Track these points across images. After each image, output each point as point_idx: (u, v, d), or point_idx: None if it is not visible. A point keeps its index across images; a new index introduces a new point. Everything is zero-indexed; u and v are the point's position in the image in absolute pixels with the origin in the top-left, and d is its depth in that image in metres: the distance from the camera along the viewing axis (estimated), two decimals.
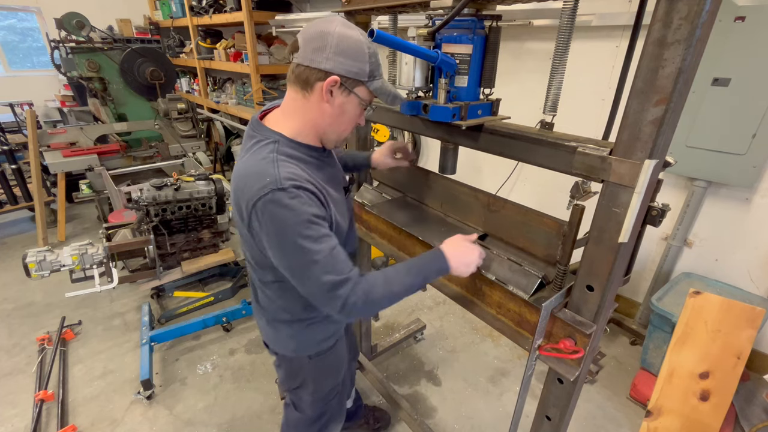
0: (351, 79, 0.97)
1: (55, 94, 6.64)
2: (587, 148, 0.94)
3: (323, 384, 1.44)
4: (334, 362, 1.43)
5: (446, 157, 1.36)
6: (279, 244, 0.96)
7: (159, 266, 2.80)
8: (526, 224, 1.19)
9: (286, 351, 1.34)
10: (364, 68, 0.97)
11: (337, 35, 0.93)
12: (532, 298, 1.08)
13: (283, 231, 0.94)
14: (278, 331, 1.31)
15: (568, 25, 0.97)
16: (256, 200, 0.93)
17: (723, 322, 1.85)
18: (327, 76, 0.95)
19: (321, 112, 1.01)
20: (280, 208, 0.92)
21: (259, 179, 0.94)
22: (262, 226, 0.96)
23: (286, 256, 0.98)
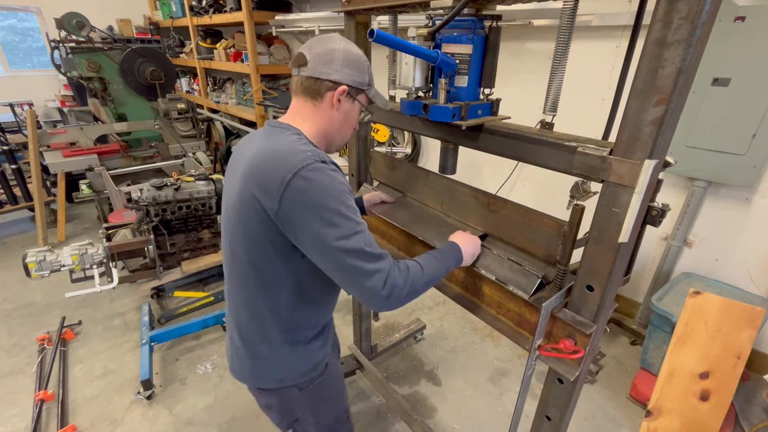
0: (355, 87, 1.08)
1: (55, 94, 6.64)
2: (587, 148, 0.94)
3: (325, 413, 1.32)
4: (331, 388, 1.32)
5: (446, 157, 1.36)
6: (320, 212, 0.91)
7: (159, 266, 2.81)
8: (526, 224, 1.19)
9: (272, 383, 1.19)
10: (365, 78, 1.09)
11: (342, 50, 1.04)
12: (532, 298, 1.08)
13: (327, 198, 0.92)
14: (265, 358, 1.16)
15: (568, 25, 0.97)
16: (298, 170, 0.92)
17: (723, 322, 1.85)
18: (336, 86, 1.05)
19: (330, 119, 1.09)
20: (324, 176, 0.93)
21: (296, 155, 0.95)
22: (301, 196, 0.91)
23: (325, 226, 0.92)
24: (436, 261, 1.08)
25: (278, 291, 1.08)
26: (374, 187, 1.84)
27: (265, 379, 1.19)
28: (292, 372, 1.18)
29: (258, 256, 1.04)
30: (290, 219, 0.94)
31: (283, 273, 1.05)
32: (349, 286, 0.97)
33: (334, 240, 0.92)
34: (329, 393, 1.32)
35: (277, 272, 1.05)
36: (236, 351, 1.20)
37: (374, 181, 1.90)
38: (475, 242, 1.23)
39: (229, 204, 1.08)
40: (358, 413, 2.26)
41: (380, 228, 1.68)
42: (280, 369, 1.17)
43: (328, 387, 1.29)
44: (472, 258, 1.21)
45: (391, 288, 0.94)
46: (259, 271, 1.06)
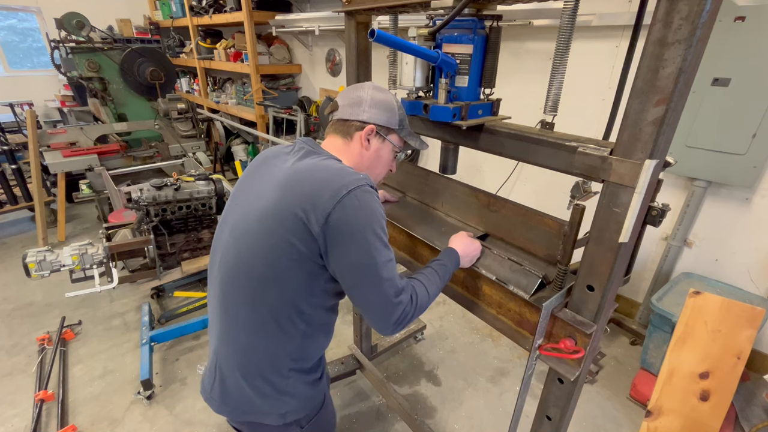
0: (384, 127, 1.10)
1: (55, 94, 6.64)
2: (588, 148, 0.94)
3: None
4: (328, 421, 1.27)
5: (447, 157, 1.37)
6: (364, 234, 0.92)
7: (159, 266, 2.80)
8: (527, 224, 1.20)
9: (274, 419, 1.08)
10: (394, 118, 1.11)
11: (370, 94, 1.10)
12: (532, 298, 1.08)
13: (375, 222, 0.94)
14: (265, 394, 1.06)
15: (568, 25, 0.97)
16: (353, 188, 0.92)
17: (723, 322, 1.85)
18: (364, 126, 1.09)
19: (360, 157, 1.12)
20: (372, 199, 0.95)
21: (350, 175, 0.96)
22: (351, 213, 0.91)
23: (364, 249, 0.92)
24: (437, 276, 1.10)
25: (295, 314, 1.00)
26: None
27: (266, 415, 1.08)
28: (297, 406, 1.09)
29: (281, 273, 0.96)
30: (335, 236, 0.92)
31: (302, 293, 0.99)
32: (369, 308, 0.97)
33: (373, 263, 0.93)
34: (326, 426, 1.27)
35: (297, 292, 0.98)
36: (228, 385, 1.07)
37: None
38: (475, 246, 1.23)
39: (248, 216, 1.00)
40: (358, 413, 2.26)
41: None
42: (284, 403, 1.07)
43: (325, 420, 1.24)
44: (470, 262, 1.22)
45: (403, 318, 0.97)
46: (280, 289, 0.98)
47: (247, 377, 1.04)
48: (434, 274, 1.09)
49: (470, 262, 1.22)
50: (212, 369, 1.13)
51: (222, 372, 1.09)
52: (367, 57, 1.67)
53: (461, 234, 1.27)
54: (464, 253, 1.19)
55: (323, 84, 4.99)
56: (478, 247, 1.24)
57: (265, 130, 5.03)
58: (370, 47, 1.65)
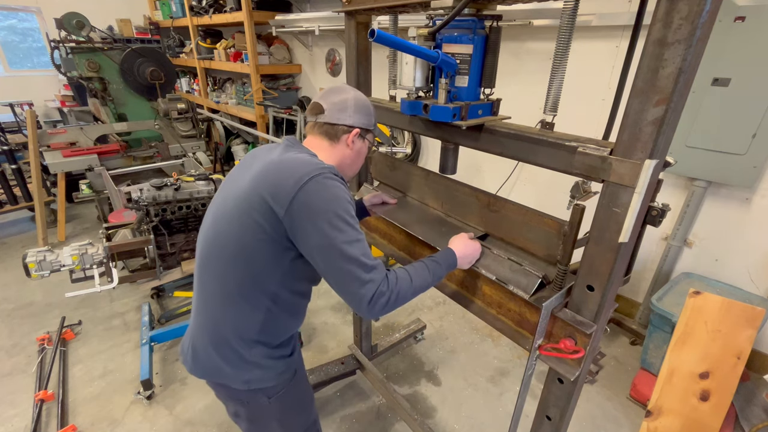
0: (365, 129, 1.21)
1: (55, 94, 6.64)
2: (588, 148, 0.94)
3: (293, 424, 1.33)
4: (299, 397, 1.32)
5: (446, 157, 1.37)
6: (325, 217, 0.98)
7: (159, 266, 2.80)
8: (527, 224, 1.20)
9: (238, 383, 1.17)
10: (371, 120, 1.23)
11: (353, 99, 1.18)
12: (532, 298, 1.08)
13: (337, 204, 1.00)
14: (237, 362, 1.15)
15: (568, 26, 0.97)
16: (315, 175, 1.00)
17: (723, 322, 1.85)
18: (351, 129, 1.18)
19: (343, 156, 1.21)
20: (333, 186, 1.02)
21: (313, 164, 1.04)
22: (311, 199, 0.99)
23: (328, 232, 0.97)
24: (427, 270, 1.12)
25: (260, 291, 1.10)
26: (374, 187, 1.84)
27: (232, 380, 1.17)
28: (261, 375, 1.18)
29: (250, 252, 1.06)
30: (299, 218, 0.99)
31: (269, 272, 1.08)
32: (341, 289, 1.02)
33: (338, 243, 0.98)
34: (298, 403, 1.32)
35: (263, 270, 1.07)
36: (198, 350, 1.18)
37: (374, 181, 1.90)
38: (474, 247, 1.25)
39: (227, 200, 1.11)
40: (358, 413, 2.26)
41: (381, 228, 1.68)
42: (248, 371, 1.16)
43: (296, 396, 1.30)
44: (469, 263, 1.24)
45: (378, 298, 0.99)
46: (247, 266, 1.07)
47: (216, 345, 1.15)
48: (424, 268, 1.12)
49: (469, 263, 1.24)
50: (188, 335, 1.26)
51: (194, 339, 1.21)
52: (367, 57, 1.66)
53: (461, 235, 1.28)
54: (462, 254, 1.21)
55: (323, 84, 4.99)
56: (478, 248, 1.25)
57: (265, 130, 5.03)
58: (370, 47, 1.64)
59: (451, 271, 1.22)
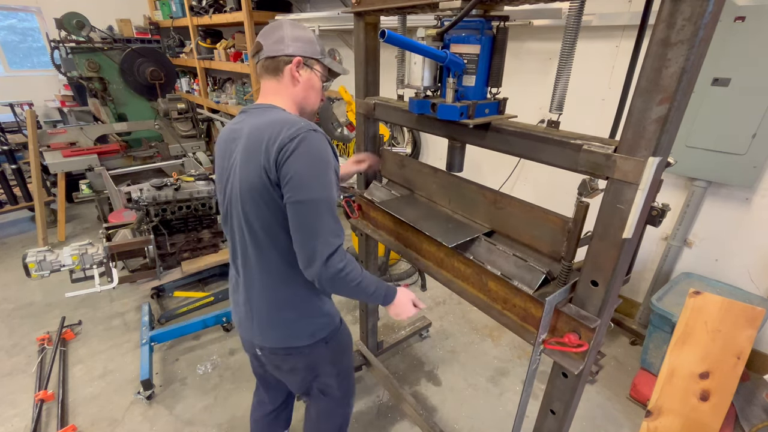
0: (309, 57, 1.19)
1: (55, 94, 6.63)
2: (592, 146, 0.95)
3: (343, 361, 1.47)
4: (346, 339, 1.48)
5: (453, 155, 1.38)
6: (311, 172, 1.04)
7: (159, 266, 2.80)
8: (532, 221, 1.21)
9: (303, 340, 1.29)
10: (316, 48, 1.20)
11: (289, 29, 1.17)
12: (536, 293, 1.09)
13: (316, 160, 1.05)
14: (297, 319, 1.27)
15: (574, 26, 0.98)
16: (298, 132, 1.04)
17: (723, 322, 1.86)
18: (291, 59, 1.17)
19: (294, 90, 1.21)
20: (319, 143, 1.06)
21: (294, 123, 1.07)
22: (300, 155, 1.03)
23: (311, 188, 1.04)
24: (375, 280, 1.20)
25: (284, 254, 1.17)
26: (383, 184, 1.86)
27: (295, 337, 1.29)
28: (320, 324, 1.30)
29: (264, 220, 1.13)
30: (287, 169, 1.04)
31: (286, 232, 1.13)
32: (301, 243, 1.08)
33: (308, 199, 1.04)
34: (345, 343, 1.46)
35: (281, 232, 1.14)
36: (261, 320, 1.28)
37: (383, 178, 1.91)
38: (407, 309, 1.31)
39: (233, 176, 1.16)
40: (365, 408, 2.26)
41: (387, 225, 1.69)
42: (309, 324, 1.28)
43: (344, 337, 1.45)
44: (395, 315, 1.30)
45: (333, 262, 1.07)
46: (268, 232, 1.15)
47: (279, 309, 1.25)
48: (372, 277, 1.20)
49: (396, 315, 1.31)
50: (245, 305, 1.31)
51: (257, 313, 1.28)
52: (376, 57, 1.68)
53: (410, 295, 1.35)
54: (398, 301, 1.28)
55: None
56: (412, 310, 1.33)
57: None
58: (379, 47, 1.66)
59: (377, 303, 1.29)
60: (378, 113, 1.68)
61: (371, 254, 2.14)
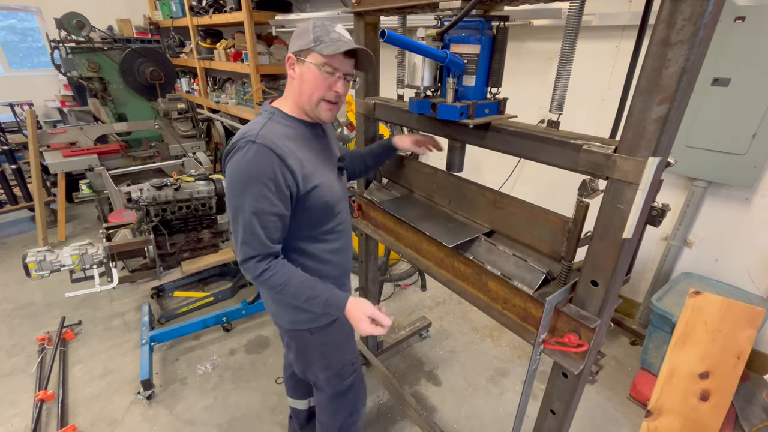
0: (301, 51, 1.16)
1: (55, 94, 6.62)
2: (592, 146, 0.95)
3: (332, 360, 1.49)
4: (339, 338, 1.47)
5: (453, 155, 1.38)
6: (233, 180, 1.11)
7: (159, 266, 2.80)
8: (532, 221, 1.21)
9: (285, 322, 1.39)
10: (308, 39, 1.14)
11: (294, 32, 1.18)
12: (536, 293, 1.09)
13: (235, 176, 1.11)
14: (276, 300, 1.37)
15: (574, 26, 0.98)
16: (231, 148, 1.13)
17: (723, 322, 1.86)
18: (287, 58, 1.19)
19: (292, 87, 1.22)
20: (242, 156, 1.10)
21: (243, 134, 1.14)
22: (227, 170, 1.14)
23: (232, 193, 1.13)
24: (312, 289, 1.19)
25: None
26: (383, 184, 1.86)
27: (281, 318, 1.40)
28: (301, 317, 1.35)
29: None
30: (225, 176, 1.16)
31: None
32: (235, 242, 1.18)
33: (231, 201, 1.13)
34: (337, 341, 1.47)
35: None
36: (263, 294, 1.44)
37: (383, 179, 1.91)
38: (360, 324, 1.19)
39: None
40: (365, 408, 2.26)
41: (388, 225, 1.69)
42: (290, 312, 1.36)
43: (335, 336, 1.45)
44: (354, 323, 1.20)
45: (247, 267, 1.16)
46: None
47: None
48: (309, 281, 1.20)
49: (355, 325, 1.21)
50: None
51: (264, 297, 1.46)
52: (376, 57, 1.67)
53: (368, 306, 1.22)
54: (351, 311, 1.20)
55: None
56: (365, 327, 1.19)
57: None
58: (379, 47, 1.65)
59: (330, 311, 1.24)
60: (378, 113, 1.68)
61: (371, 254, 2.14)
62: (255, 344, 2.74)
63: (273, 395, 2.35)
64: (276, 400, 2.31)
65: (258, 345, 2.73)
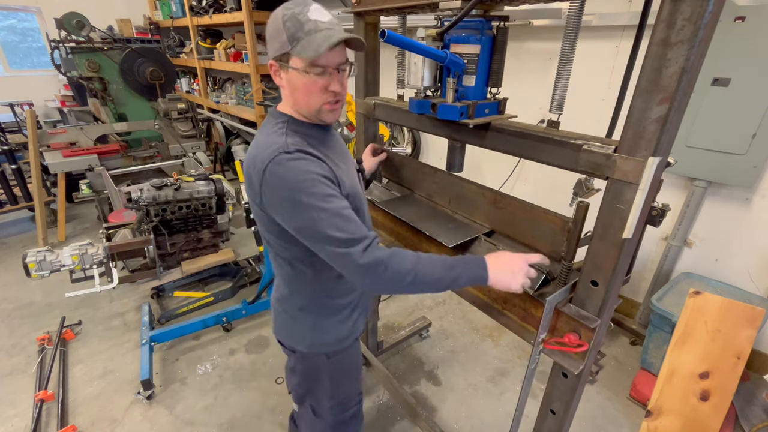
0: (280, 55, 1.01)
1: (55, 94, 6.63)
2: (592, 146, 0.96)
3: (341, 388, 1.39)
4: (353, 365, 1.39)
5: (453, 155, 1.38)
6: (288, 204, 0.98)
7: (159, 266, 2.80)
8: (532, 221, 1.21)
9: (302, 345, 1.28)
10: (283, 40, 0.98)
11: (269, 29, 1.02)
12: (536, 293, 1.09)
13: (290, 189, 0.97)
14: (296, 321, 1.26)
15: (574, 26, 0.98)
16: (267, 164, 0.98)
17: (723, 322, 1.86)
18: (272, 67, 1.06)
19: (285, 94, 1.10)
20: (286, 169, 0.97)
21: (268, 148, 1.01)
22: (272, 189, 0.99)
23: (295, 216, 0.99)
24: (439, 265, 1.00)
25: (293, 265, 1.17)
26: (383, 184, 1.86)
27: (296, 340, 1.29)
28: (321, 340, 1.27)
29: (267, 235, 1.15)
30: (270, 208, 1.04)
31: (289, 249, 1.13)
32: (334, 264, 1.02)
33: (302, 227, 0.99)
34: (350, 370, 1.39)
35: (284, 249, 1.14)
36: (277, 310, 1.32)
37: (383, 178, 1.91)
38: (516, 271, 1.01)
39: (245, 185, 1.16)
40: (365, 408, 2.24)
41: (388, 225, 1.69)
42: (312, 334, 1.26)
43: (350, 363, 1.37)
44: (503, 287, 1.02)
45: (371, 268, 0.96)
46: (272, 247, 1.17)
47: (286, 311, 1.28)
48: (438, 260, 1.02)
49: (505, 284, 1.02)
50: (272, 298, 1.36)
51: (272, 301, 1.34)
52: (376, 57, 1.68)
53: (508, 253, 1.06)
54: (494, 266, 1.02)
55: None
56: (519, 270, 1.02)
57: None
58: (379, 47, 1.66)
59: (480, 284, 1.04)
60: (378, 113, 1.68)
61: None
62: (255, 344, 2.74)
63: (273, 395, 2.35)
64: (276, 400, 2.31)
65: (258, 345, 2.73)
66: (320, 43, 0.94)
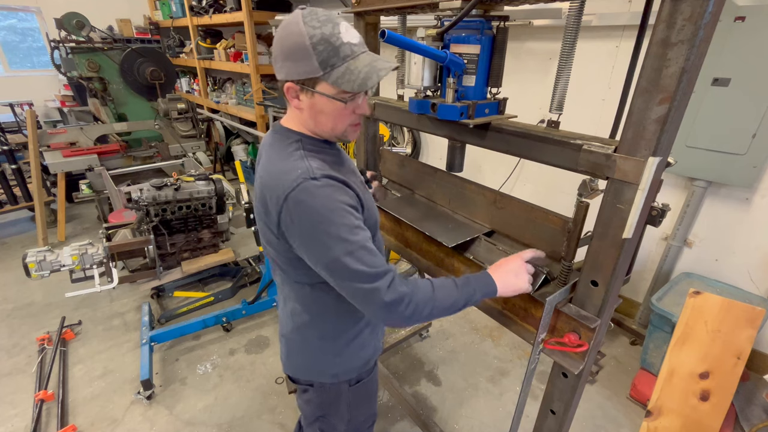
0: (306, 79, 0.92)
1: (55, 94, 6.63)
2: (592, 146, 0.95)
3: (360, 412, 1.34)
4: (372, 388, 1.34)
5: (453, 155, 1.38)
6: (312, 234, 0.91)
7: (159, 266, 2.80)
8: (532, 221, 1.21)
9: (324, 377, 1.20)
10: (312, 64, 0.88)
11: (279, 39, 0.91)
12: (536, 293, 1.09)
13: (316, 221, 0.90)
14: (317, 351, 1.17)
15: (574, 26, 0.98)
16: (289, 192, 0.90)
17: (723, 322, 1.86)
18: (285, 85, 0.95)
19: (300, 116, 1.01)
20: (313, 197, 0.90)
21: (290, 173, 0.92)
22: (295, 218, 0.91)
23: (319, 248, 0.92)
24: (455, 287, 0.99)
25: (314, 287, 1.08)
26: (384, 184, 1.86)
27: (317, 373, 1.21)
28: (345, 367, 1.20)
29: (282, 261, 1.07)
30: (290, 236, 0.96)
31: (309, 274, 1.03)
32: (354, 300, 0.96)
33: (327, 261, 0.92)
34: (370, 394, 1.34)
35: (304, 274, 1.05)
36: (291, 343, 1.21)
37: (384, 178, 1.91)
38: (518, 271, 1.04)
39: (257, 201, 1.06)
40: None
41: (387, 225, 1.69)
42: (338, 364, 1.19)
43: (370, 386, 1.32)
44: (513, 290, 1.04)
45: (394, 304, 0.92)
46: (288, 274, 1.10)
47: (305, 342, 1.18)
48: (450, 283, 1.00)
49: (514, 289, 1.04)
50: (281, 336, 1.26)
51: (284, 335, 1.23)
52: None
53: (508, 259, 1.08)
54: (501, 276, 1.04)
55: None
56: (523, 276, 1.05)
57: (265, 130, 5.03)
58: (379, 47, 1.66)
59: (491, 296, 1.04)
60: (378, 113, 1.68)
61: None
62: (255, 344, 2.74)
63: (273, 395, 2.35)
64: (276, 400, 2.31)
65: (258, 345, 2.73)
66: (367, 76, 0.89)
